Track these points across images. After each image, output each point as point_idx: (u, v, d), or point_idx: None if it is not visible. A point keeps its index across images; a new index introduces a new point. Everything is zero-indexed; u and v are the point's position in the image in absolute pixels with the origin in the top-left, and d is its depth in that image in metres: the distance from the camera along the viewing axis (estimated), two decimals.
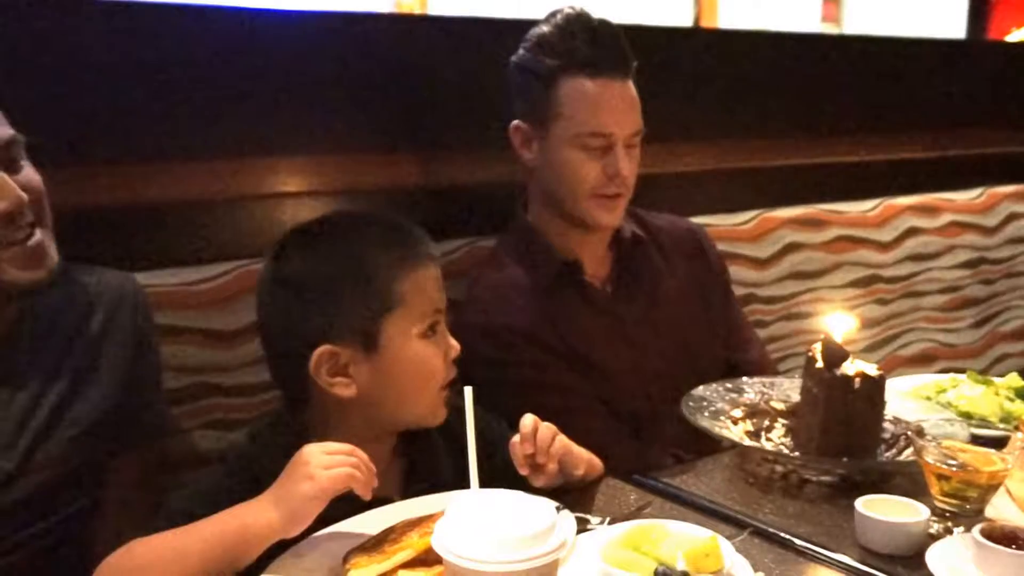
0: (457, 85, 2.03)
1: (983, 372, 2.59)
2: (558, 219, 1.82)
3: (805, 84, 2.66)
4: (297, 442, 1.25)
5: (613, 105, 1.74)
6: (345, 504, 1.20)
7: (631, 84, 1.78)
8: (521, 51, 1.79)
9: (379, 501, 1.25)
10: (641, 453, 1.71)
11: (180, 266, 1.69)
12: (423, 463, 1.42)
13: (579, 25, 1.74)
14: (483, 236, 1.98)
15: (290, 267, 1.35)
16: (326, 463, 1.14)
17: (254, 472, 1.25)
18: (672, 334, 1.87)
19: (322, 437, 1.32)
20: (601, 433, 1.68)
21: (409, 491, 1.38)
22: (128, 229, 1.72)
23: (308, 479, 1.13)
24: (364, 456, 1.18)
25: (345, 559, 1.16)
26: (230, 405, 1.69)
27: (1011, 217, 2.98)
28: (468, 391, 1.18)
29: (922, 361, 2.75)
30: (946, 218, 2.84)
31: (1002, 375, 1.87)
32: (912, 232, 2.74)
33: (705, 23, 3.48)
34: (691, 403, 1.61)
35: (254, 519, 1.14)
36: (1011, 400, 1.70)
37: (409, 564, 1.14)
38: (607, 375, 1.78)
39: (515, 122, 1.81)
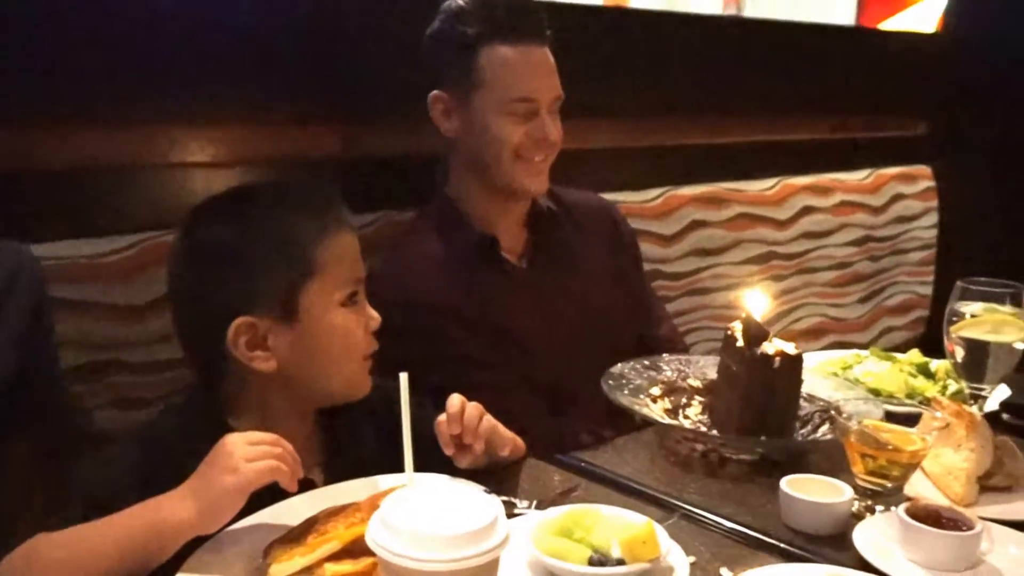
0: (376, 54, 1.91)
1: (869, 345, 2.64)
2: (479, 190, 1.75)
3: (709, 65, 2.63)
4: (213, 423, 1.16)
5: (536, 71, 1.69)
6: (266, 490, 1.08)
7: (549, 51, 1.72)
8: (438, 23, 1.71)
9: (301, 481, 1.14)
10: (559, 431, 1.64)
11: (83, 238, 1.54)
12: (345, 438, 1.33)
13: None
14: (398, 209, 1.88)
15: (205, 236, 1.25)
16: (250, 455, 1.04)
17: (169, 457, 1.13)
18: (588, 309, 1.81)
19: (239, 416, 1.24)
20: (520, 410, 1.61)
21: (332, 467, 1.30)
22: (27, 198, 1.54)
23: (231, 472, 1.03)
24: (289, 447, 1.08)
25: (266, 553, 1.05)
26: (137, 383, 1.55)
27: (896, 197, 3.04)
28: (403, 378, 1.09)
29: (813, 335, 2.78)
30: (838, 197, 2.86)
31: (888, 348, 1.89)
32: (807, 211, 2.75)
33: (612, 1, 3.40)
34: (611, 381, 1.55)
35: (170, 514, 1.03)
36: (914, 376, 1.70)
37: (335, 556, 1.04)
38: (525, 350, 1.72)
39: (434, 92, 1.72)
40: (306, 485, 1.18)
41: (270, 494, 1.11)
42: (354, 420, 1.34)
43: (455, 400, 1.25)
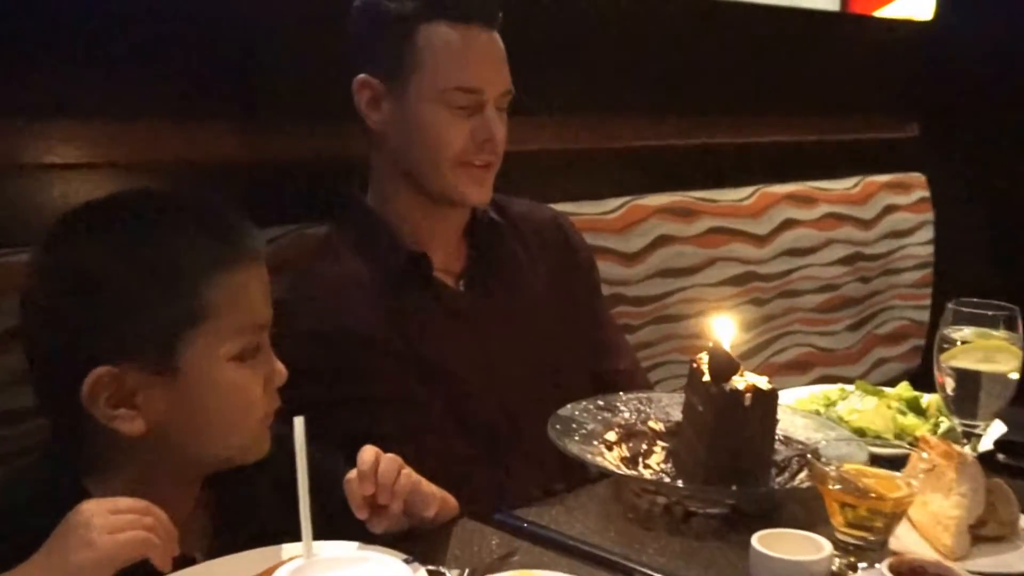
0: (288, 35, 1.90)
1: (861, 378, 2.68)
2: (409, 198, 1.74)
3: (675, 56, 2.66)
4: (70, 489, 1.12)
5: (481, 57, 1.69)
6: (135, 570, 1.05)
7: (499, 37, 1.72)
8: None
9: (179, 562, 1.12)
10: (501, 486, 1.64)
11: None
12: (236, 509, 1.29)
13: None
14: (314, 222, 1.85)
15: (67, 260, 1.19)
16: (111, 525, 1.01)
17: (14, 530, 1.08)
18: (533, 338, 1.81)
19: (104, 481, 1.19)
20: (454, 459, 1.62)
21: (218, 546, 1.25)
22: None
23: (87, 547, 0.99)
24: (162, 515, 1.05)
25: None
26: None
27: (888, 209, 3.11)
28: (299, 422, 1.08)
29: (799, 368, 2.82)
30: (823, 209, 2.92)
31: (880, 382, 1.93)
32: (788, 224, 2.80)
33: None
34: (558, 425, 1.55)
35: None
36: (903, 413, 1.74)
37: None
38: (460, 386, 1.71)
39: (361, 76, 1.71)
40: (185, 564, 1.15)
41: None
42: (252, 484, 1.30)
43: (367, 453, 1.23)
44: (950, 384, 1.40)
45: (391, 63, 1.68)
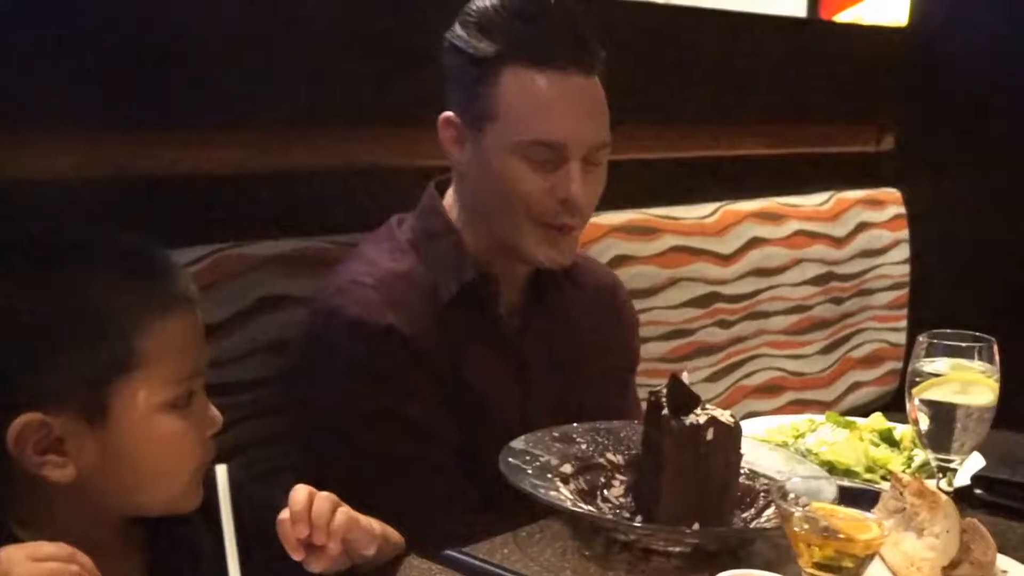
0: (201, 47, 1.89)
1: (834, 403, 2.73)
2: (485, 236, 1.77)
3: (631, 62, 2.66)
4: None
5: (568, 108, 1.68)
6: None
7: (597, 82, 1.73)
8: (457, 27, 1.70)
9: None
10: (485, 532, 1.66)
11: None
12: (173, 553, 1.31)
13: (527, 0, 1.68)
14: (235, 242, 1.86)
15: None
16: (33, 574, 1.03)
17: None
18: (568, 393, 1.85)
19: (28, 524, 1.22)
20: (443, 501, 1.67)
21: None
22: None
23: None
24: (88, 562, 1.07)
25: None
26: None
27: (861, 227, 3.17)
28: (221, 471, 1.11)
29: (768, 392, 2.87)
30: (792, 226, 2.97)
31: (856, 406, 1.98)
32: (755, 242, 2.85)
33: None
34: (511, 459, 1.57)
35: None
36: (876, 445, 1.79)
37: None
38: (488, 421, 1.74)
39: (446, 113, 1.73)
40: None
41: None
42: (189, 533, 1.32)
43: (299, 493, 1.26)
44: (924, 419, 1.44)
45: (472, 104, 1.69)
